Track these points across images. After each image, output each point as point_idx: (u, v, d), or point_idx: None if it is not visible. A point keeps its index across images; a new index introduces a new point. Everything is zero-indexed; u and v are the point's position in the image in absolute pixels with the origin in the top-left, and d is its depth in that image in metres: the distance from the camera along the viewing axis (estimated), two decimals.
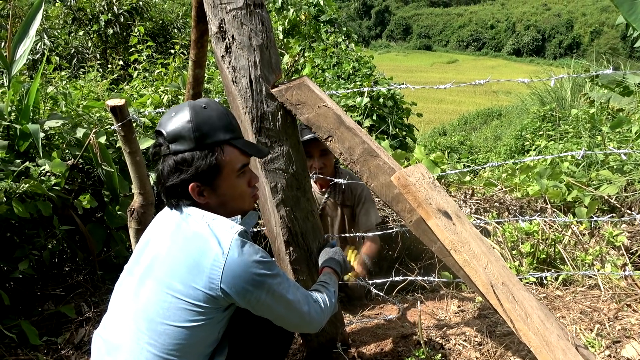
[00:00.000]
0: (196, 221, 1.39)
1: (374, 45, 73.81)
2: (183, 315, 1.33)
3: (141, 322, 1.35)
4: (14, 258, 2.34)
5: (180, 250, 1.36)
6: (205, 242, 1.34)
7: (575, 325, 2.13)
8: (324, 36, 8.33)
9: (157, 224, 1.52)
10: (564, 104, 9.52)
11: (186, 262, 1.33)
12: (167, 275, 1.34)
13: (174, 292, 1.33)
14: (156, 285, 1.36)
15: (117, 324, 1.42)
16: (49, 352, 2.23)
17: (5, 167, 2.28)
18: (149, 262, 1.41)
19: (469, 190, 3.53)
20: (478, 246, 1.57)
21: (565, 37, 64.93)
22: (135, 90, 4.15)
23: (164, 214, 1.53)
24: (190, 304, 1.32)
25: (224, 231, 1.35)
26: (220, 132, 1.40)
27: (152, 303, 1.35)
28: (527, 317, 1.49)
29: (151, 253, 1.42)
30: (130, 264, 1.49)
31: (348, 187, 2.70)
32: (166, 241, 1.40)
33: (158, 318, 1.33)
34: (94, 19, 9.17)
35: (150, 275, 1.38)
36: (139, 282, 1.40)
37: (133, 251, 1.54)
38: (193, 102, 1.44)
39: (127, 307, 1.40)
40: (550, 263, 2.68)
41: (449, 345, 2.08)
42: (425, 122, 19.52)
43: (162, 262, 1.38)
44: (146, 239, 1.50)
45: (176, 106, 1.46)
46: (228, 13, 1.57)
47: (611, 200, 3.19)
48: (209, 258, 1.32)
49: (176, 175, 1.39)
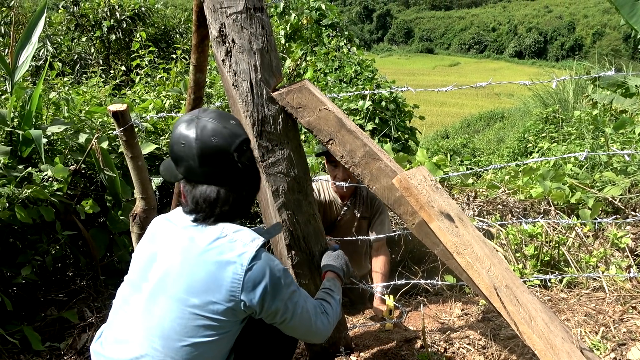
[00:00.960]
0: (213, 234, 1.36)
1: (376, 48, 73.90)
2: (201, 331, 1.31)
3: (156, 340, 1.32)
4: (17, 263, 2.34)
5: (196, 265, 1.32)
6: (223, 255, 1.32)
7: (580, 328, 2.11)
8: (325, 40, 8.34)
9: (162, 236, 1.45)
10: (567, 106, 9.50)
11: (204, 277, 1.31)
12: (183, 291, 1.31)
13: (192, 308, 1.30)
14: (171, 303, 1.32)
15: (126, 341, 1.37)
16: (52, 357, 2.23)
17: (8, 173, 2.28)
18: (160, 278, 1.36)
19: (472, 193, 3.52)
20: (481, 249, 1.56)
21: (567, 39, 64.86)
22: (138, 96, 4.17)
23: (168, 225, 1.46)
24: (209, 319, 1.31)
25: (244, 244, 1.34)
26: (235, 143, 1.44)
27: (168, 320, 1.31)
28: (532, 320, 1.48)
29: (161, 268, 1.37)
30: (136, 279, 1.42)
31: (367, 199, 2.70)
32: (178, 256, 1.36)
33: (175, 335, 1.30)
34: (96, 25, 9.23)
35: (163, 292, 1.34)
36: (150, 299, 1.35)
37: (133, 262, 1.48)
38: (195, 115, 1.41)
39: (137, 325, 1.36)
40: (554, 265, 2.67)
41: (452, 349, 2.07)
42: (427, 125, 19.52)
43: (176, 278, 1.33)
44: (151, 251, 1.43)
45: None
46: (228, 17, 1.57)
47: (615, 202, 3.18)
48: (229, 271, 1.31)
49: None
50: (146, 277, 1.39)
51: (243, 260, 1.32)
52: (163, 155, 3.09)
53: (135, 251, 1.51)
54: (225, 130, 1.35)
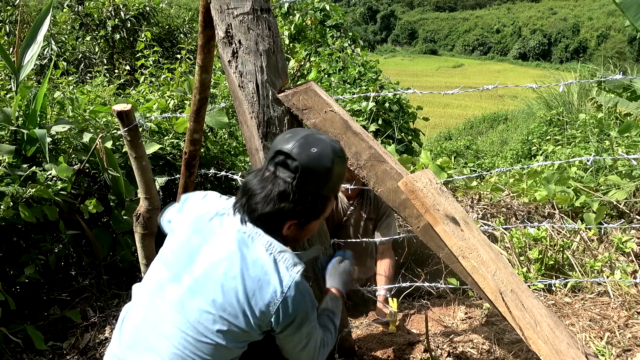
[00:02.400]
0: (260, 248, 1.34)
1: (380, 49, 73.88)
2: (229, 337, 1.32)
3: (189, 333, 1.32)
4: (20, 262, 2.34)
5: (238, 277, 1.31)
6: (266, 275, 1.31)
7: (584, 333, 2.10)
8: (329, 41, 8.35)
9: (210, 232, 1.41)
10: (571, 108, 9.48)
11: (242, 290, 1.30)
12: (220, 297, 1.31)
13: (225, 315, 1.31)
14: (206, 304, 1.32)
15: (157, 327, 1.36)
16: (54, 357, 2.23)
17: (12, 172, 2.28)
18: (201, 276, 1.35)
19: (476, 196, 3.50)
20: (486, 252, 1.55)
21: (572, 41, 64.72)
22: (142, 95, 4.16)
23: (219, 221, 1.43)
24: (238, 328, 1.32)
25: (286, 268, 1.33)
26: (337, 188, 1.46)
27: (203, 320, 1.31)
28: (537, 325, 1.47)
29: (204, 265, 1.36)
30: (176, 268, 1.40)
31: (374, 201, 2.69)
32: (224, 260, 1.34)
33: (207, 333, 1.31)
34: (101, 25, 9.26)
35: (202, 292, 1.33)
36: (189, 294, 1.34)
37: (171, 243, 1.46)
38: (334, 146, 1.39)
39: (171, 316, 1.35)
40: (558, 269, 2.65)
41: (456, 353, 2.06)
42: (430, 127, 19.50)
43: (217, 281, 1.32)
44: (196, 243, 1.40)
45: (315, 137, 1.38)
46: (235, 18, 1.56)
47: (620, 206, 3.16)
48: (267, 293, 1.30)
49: (280, 204, 1.34)
50: (188, 269, 1.37)
51: (283, 286, 1.31)
52: (167, 156, 3.09)
53: (176, 231, 1.47)
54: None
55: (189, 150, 2.14)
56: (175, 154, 3.13)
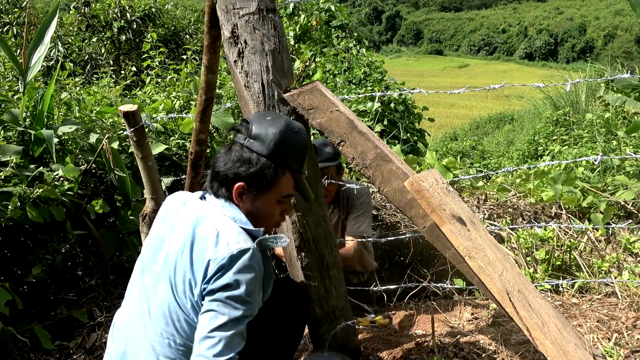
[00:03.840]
0: (209, 226, 1.38)
1: (385, 50, 73.77)
2: (194, 314, 1.36)
3: (161, 319, 1.38)
4: (28, 262, 2.35)
5: (187, 255, 1.37)
6: (206, 248, 1.35)
7: (592, 334, 2.08)
8: (335, 41, 8.34)
9: (173, 219, 1.49)
10: (578, 108, 9.42)
11: (189, 266, 1.35)
12: (174, 276, 1.38)
13: (181, 292, 1.36)
14: (168, 287, 1.39)
15: (133, 320, 1.45)
16: (61, 356, 2.24)
17: (19, 172, 2.29)
18: (164, 261, 1.42)
19: (482, 196, 3.49)
20: (493, 253, 1.54)
21: (578, 41, 64.34)
22: (148, 96, 4.18)
23: (181, 207, 1.50)
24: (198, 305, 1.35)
25: (227, 244, 1.33)
26: (293, 161, 1.46)
27: (169, 302, 1.38)
28: (544, 325, 1.46)
29: (166, 251, 1.44)
30: (148, 260, 1.49)
31: (350, 201, 2.64)
32: (180, 242, 1.41)
33: (177, 314, 1.36)
34: (107, 26, 9.30)
35: (165, 275, 1.40)
36: (157, 280, 1.42)
37: (146, 240, 1.54)
38: (291, 120, 1.49)
39: (146, 305, 1.43)
40: (565, 270, 2.64)
41: (462, 354, 2.05)
42: (436, 127, 19.42)
43: (173, 263, 1.40)
44: (163, 233, 1.48)
45: (276, 114, 1.55)
46: (241, 18, 1.57)
47: (628, 206, 3.14)
48: (204, 262, 1.33)
49: (236, 166, 1.42)
50: (156, 259, 1.46)
51: (214, 255, 1.32)
52: (173, 156, 3.10)
53: (152, 228, 1.57)
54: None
55: (195, 150, 2.15)
56: (181, 155, 3.14)
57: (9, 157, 2.24)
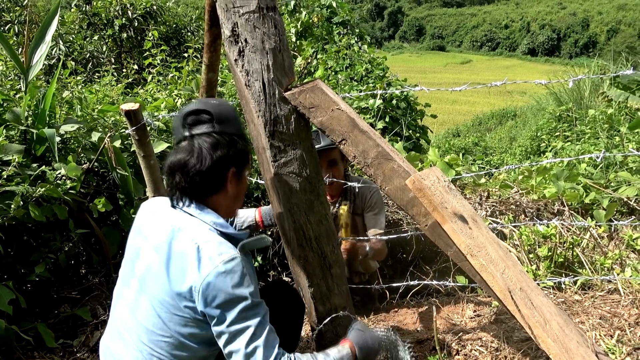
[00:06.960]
0: (185, 240, 1.34)
1: (387, 46, 73.61)
2: (184, 329, 1.33)
3: (143, 335, 1.36)
4: (31, 261, 2.36)
5: (164, 270, 1.33)
6: (187, 265, 1.30)
7: (594, 331, 2.08)
8: (336, 38, 8.32)
9: (147, 230, 1.45)
10: (581, 104, 9.38)
11: (168, 282, 1.32)
12: (160, 291, 1.33)
13: (164, 309, 1.33)
14: (150, 303, 1.35)
15: (120, 337, 1.43)
16: (65, 354, 2.25)
17: (22, 171, 2.30)
18: (143, 275, 1.39)
19: (484, 193, 3.48)
20: (495, 251, 1.54)
21: (581, 36, 64.04)
22: (150, 94, 4.18)
23: (155, 219, 1.45)
24: (188, 319, 1.33)
25: (209, 258, 1.29)
26: (244, 135, 1.49)
27: (150, 317, 1.35)
28: (546, 323, 1.46)
29: (144, 264, 1.39)
30: (126, 273, 1.46)
31: (358, 195, 2.65)
32: (156, 255, 1.36)
33: (159, 330, 1.34)
34: (108, 24, 9.30)
35: (145, 290, 1.37)
36: (137, 295, 1.39)
37: (126, 251, 1.50)
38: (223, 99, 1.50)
39: (128, 321, 1.40)
40: (568, 267, 2.63)
41: (465, 351, 2.05)
42: (438, 123, 19.39)
43: (153, 277, 1.36)
44: (138, 245, 1.45)
45: (204, 98, 1.52)
46: (241, 16, 1.56)
47: (630, 203, 3.13)
48: (187, 283, 1.29)
49: (216, 152, 1.36)
50: (134, 272, 1.44)
51: (201, 275, 1.28)
52: None
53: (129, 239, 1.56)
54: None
55: None
56: None
57: (12, 156, 2.24)
